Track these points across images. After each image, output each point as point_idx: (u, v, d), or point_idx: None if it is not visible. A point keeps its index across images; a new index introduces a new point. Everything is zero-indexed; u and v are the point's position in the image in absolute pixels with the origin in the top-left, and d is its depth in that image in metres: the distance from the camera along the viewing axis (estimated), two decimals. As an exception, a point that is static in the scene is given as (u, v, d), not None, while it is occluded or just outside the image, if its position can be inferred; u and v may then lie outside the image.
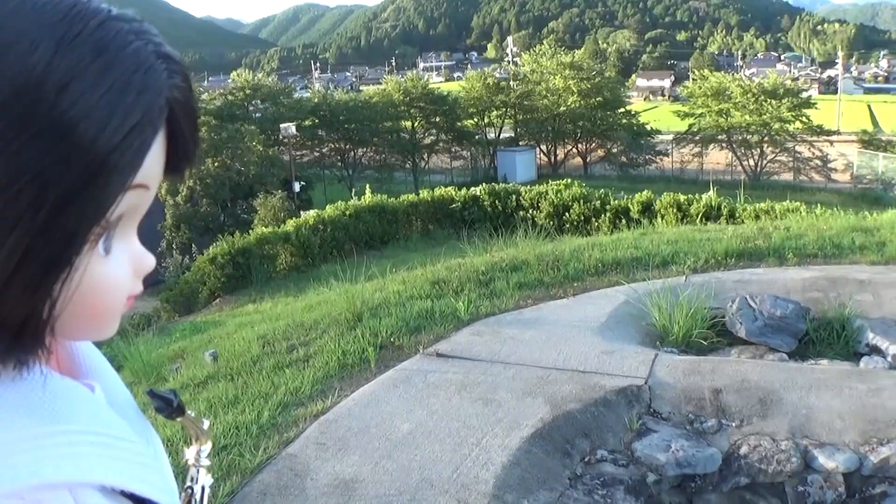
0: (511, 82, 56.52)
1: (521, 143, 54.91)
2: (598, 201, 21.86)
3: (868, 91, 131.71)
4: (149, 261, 0.89)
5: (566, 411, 4.88)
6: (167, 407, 1.06)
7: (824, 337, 6.65)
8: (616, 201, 21.70)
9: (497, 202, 23.23)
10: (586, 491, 4.40)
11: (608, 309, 6.66)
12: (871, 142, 50.60)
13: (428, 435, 4.61)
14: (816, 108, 48.93)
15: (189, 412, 1.12)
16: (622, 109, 54.10)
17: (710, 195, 20.06)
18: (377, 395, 5.14)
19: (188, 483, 1.17)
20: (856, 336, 6.56)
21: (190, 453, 1.20)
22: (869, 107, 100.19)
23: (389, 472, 4.22)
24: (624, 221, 19.48)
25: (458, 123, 53.39)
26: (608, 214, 20.89)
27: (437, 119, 52.76)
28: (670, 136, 53.16)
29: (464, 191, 24.33)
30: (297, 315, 7.43)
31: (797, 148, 48.97)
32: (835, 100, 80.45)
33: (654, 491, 4.74)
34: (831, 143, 50.23)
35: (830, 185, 46.75)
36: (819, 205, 16.87)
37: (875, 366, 5.89)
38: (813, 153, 48.63)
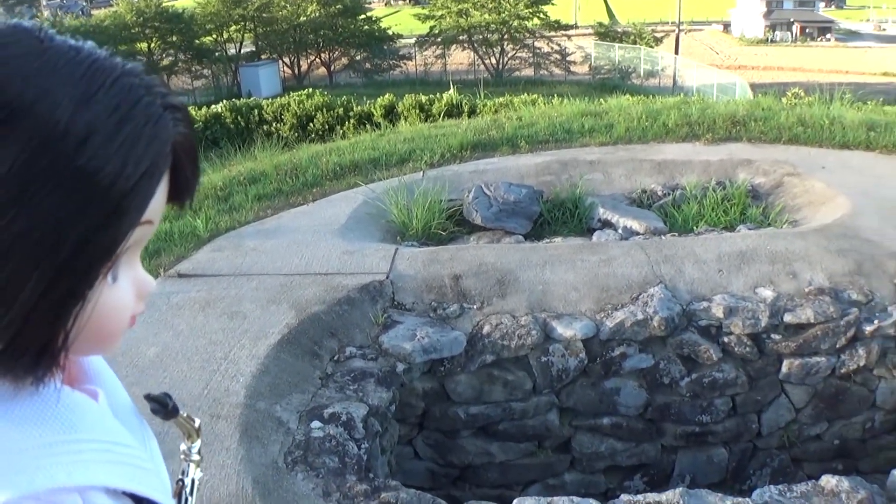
0: (249, -7, 54.76)
1: (263, 57, 53.55)
2: (342, 109, 21.80)
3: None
4: (150, 284, 0.99)
5: (312, 314, 4.93)
6: (163, 409, 1.16)
7: (559, 217, 6.99)
8: (359, 107, 21.73)
9: (239, 118, 22.69)
10: (338, 388, 4.49)
11: (348, 211, 6.72)
12: (607, 34, 53.44)
13: (175, 356, 4.56)
14: (553, 3, 50.63)
15: (182, 412, 1.23)
16: (363, 16, 53.73)
17: (451, 94, 20.44)
18: (119, 324, 4.99)
19: (180, 476, 1.28)
20: (588, 213, 6.94)
21: (182, 449, 1.30)
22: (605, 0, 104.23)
23: (138, 398, 4.13)
24: (368, 126, 19.49)
25: (197, 41, 51.38)
26: (352, 121, 20.81)
27: (174, 38, 50.36)
28: (413, 40, 53.46)
29: (204, 109, 23.58)
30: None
31: (536, 44, 50.59)
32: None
33: (405, 380, 4.90)
34: (569, 37, 52.40)
35: (570, 77, 48.90)
36: (556, 96, 17.41)
37: (606, 238, 6.24)
38: (552, 48, 50.49)
